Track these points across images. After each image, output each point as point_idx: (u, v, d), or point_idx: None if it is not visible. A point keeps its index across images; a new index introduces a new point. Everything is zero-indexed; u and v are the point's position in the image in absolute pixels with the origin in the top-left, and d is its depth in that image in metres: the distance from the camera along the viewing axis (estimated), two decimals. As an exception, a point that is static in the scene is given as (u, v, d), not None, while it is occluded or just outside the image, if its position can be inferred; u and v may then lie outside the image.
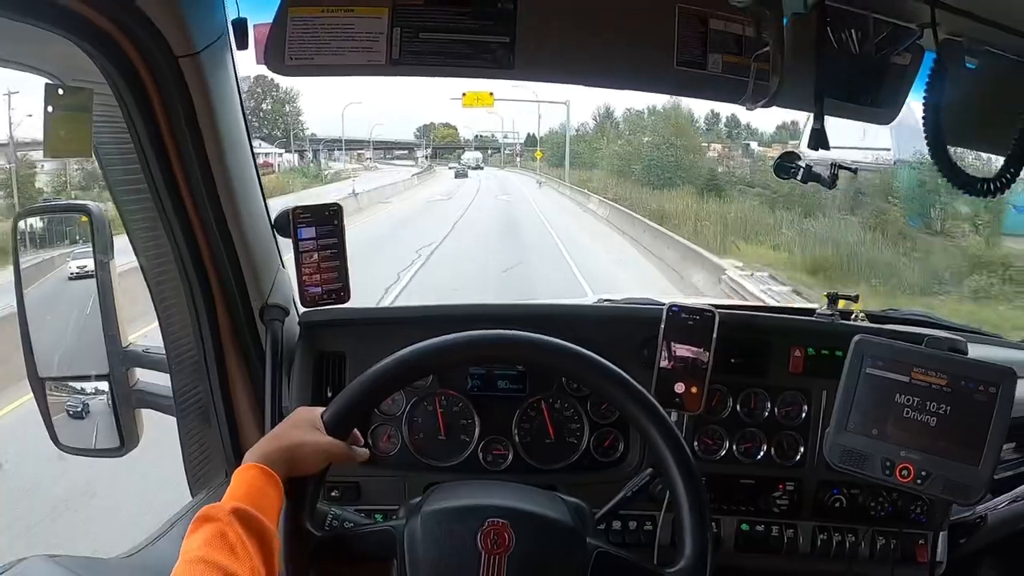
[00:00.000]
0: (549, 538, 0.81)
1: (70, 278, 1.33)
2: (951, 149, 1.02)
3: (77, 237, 1.33)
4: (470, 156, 45.99)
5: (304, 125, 36.56)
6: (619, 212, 17.37)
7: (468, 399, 1.21)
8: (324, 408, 0.85)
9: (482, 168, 44.53)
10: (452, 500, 0.82)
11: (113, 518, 3.32)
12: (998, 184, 1.00)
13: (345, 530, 0.85)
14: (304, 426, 0.83)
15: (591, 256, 12.05)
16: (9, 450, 3.92)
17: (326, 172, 32.32)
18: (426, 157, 47.69)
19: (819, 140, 1.02)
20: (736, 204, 17.13)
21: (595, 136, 32.35)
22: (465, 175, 37.80)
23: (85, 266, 1.23)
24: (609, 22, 0.99)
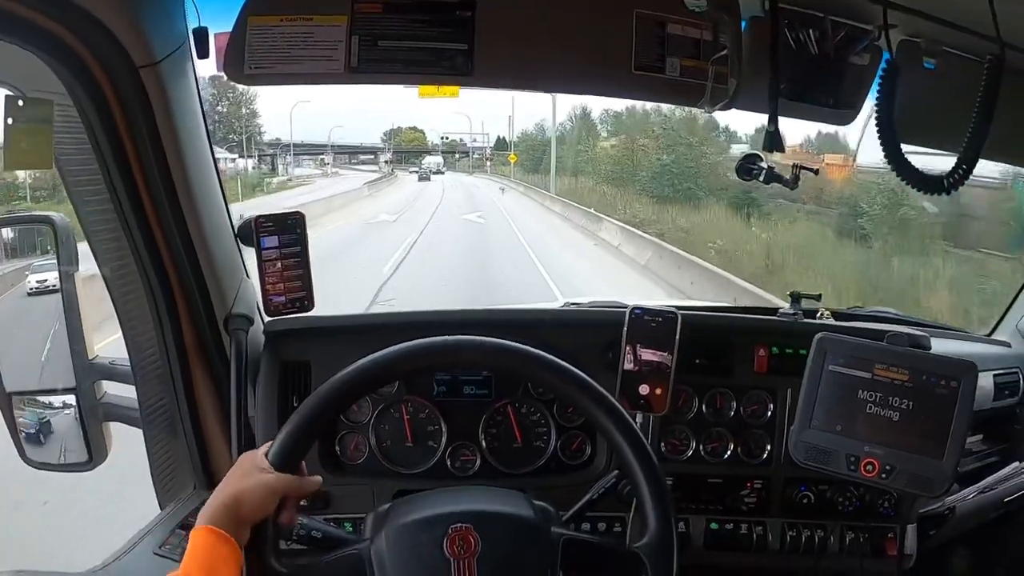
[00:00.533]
0: (515, 534, 0.82)
1: (29, 293, 1.30)
2: (906, 147, 1.05)
3: (48, 247, 1.32)
4: (431, 160, 44.78)
5: (261, 128, 33.47)
6: (664, 251, 10.71)
7: (434, 405, 1.21)
8: (268, 446, 0.84)
9: (443, 172, 43.12)
10: (413, 513, 0.82)
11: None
12: (953, 179, 1.02)
13: (312, 563, 0.83)
14: (249, 471, 0.82)
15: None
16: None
17: (273, 180, 28.62)
18: (387, 162, 45.76)
19: (773, 142, 1.03)
20: (789, 227, 11.86)
21: (580, 136, 27.55)
22: (428, 178, 37.43)
23: (45, 280, 1.22)
24: (567, 28, 1.00)
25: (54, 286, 1.37)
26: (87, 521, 3.18)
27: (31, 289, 1.30)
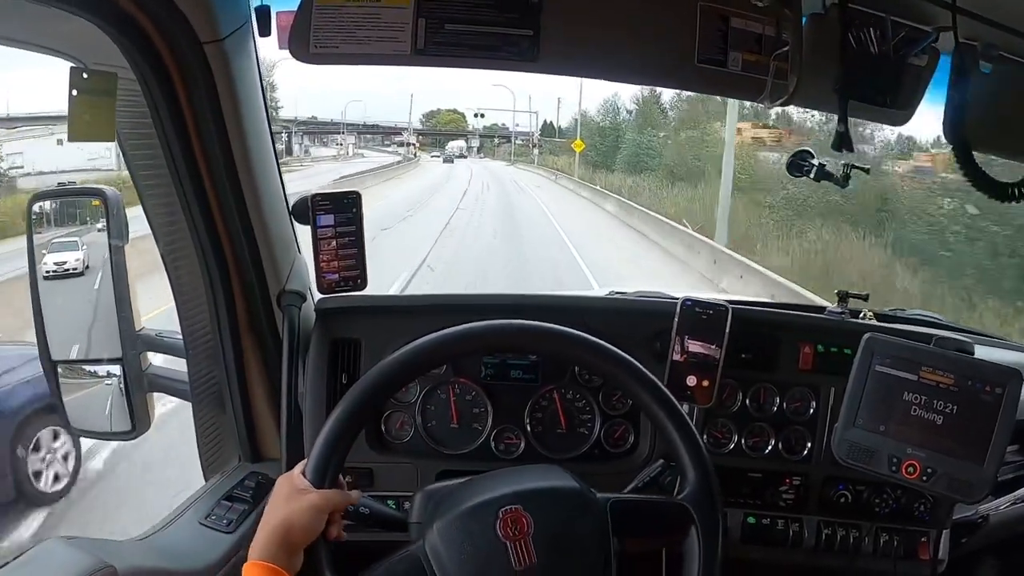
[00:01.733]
0: (564, 507, 0.83)
1: (45, 277, 1.22)
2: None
3: (87, 219, 1.32)
4: (454, 145, 44.60)
5: (279, 103, 30.89)
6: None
7: (481, 388, 1.22)
8: (303, 465, 0.85)
9: (465, 156, 41.96)
10: (460, 504, 0.83)
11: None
12: (1020, 189, 1.02)
13: (370, 572, 0.83)
14: (290, 495, 0.81)
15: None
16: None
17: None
18: (411, 144, 43.51)
19: (843, 141, 1.03)
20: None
21: (659, 122, 21.35)
22: (451, 160, 37.38)
23: (64, 263, 1.18)
24: (632, 18, 1.00)
25: (74, 268, 1.37)
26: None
27: (48, 272, 1.23)
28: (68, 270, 1.31)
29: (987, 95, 1.06)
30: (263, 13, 1.05)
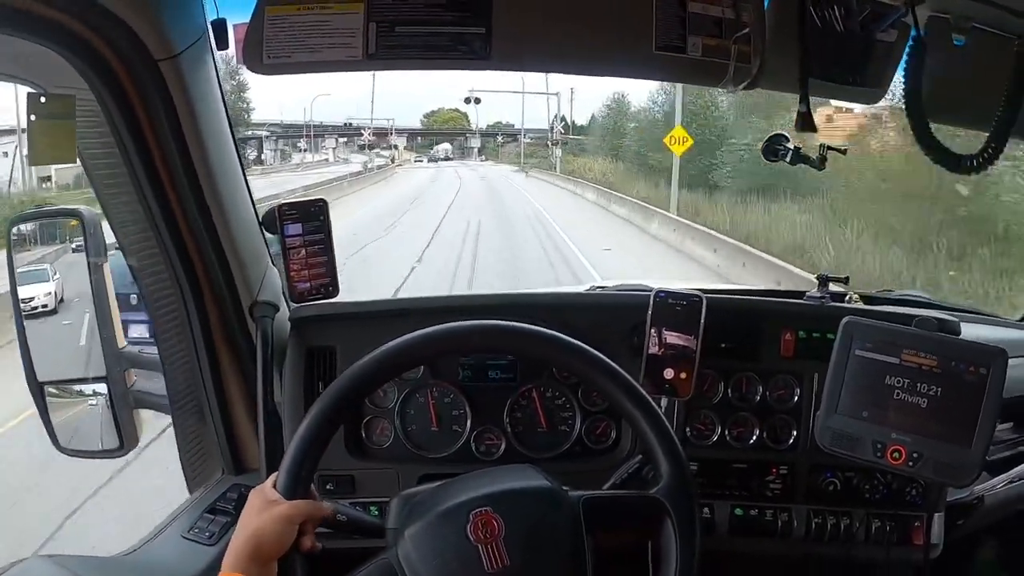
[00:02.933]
0: (535, 507, 0.82)
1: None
2: (934, 126, 1.02)
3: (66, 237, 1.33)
4: (440, 148, 43.09)
5: (250, 105, 29.64)
6: None
7: (459, 389, 1.22)
8: (274, 477, 0.84)
9: (450, 159, 40.09)
10: (431, 509, 0.82)
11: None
12: (981, 160, 0.99)
13: None
14: (261, 507, 0.81)
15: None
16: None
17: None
18: (392, 146, 40.38)
19: (805, 123, 1.01)
20: None
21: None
22: (435, 161, 36.26)
23: (32, 299, 1.16)
24: (586, 9, 0.98)
25: (43, 306, 1.38)
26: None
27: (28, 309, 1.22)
28: (36, 308, 1.29)
29: (955, 66, 1.04)
30: (220, 26, 1.04)
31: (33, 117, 1.00)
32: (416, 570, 0.78)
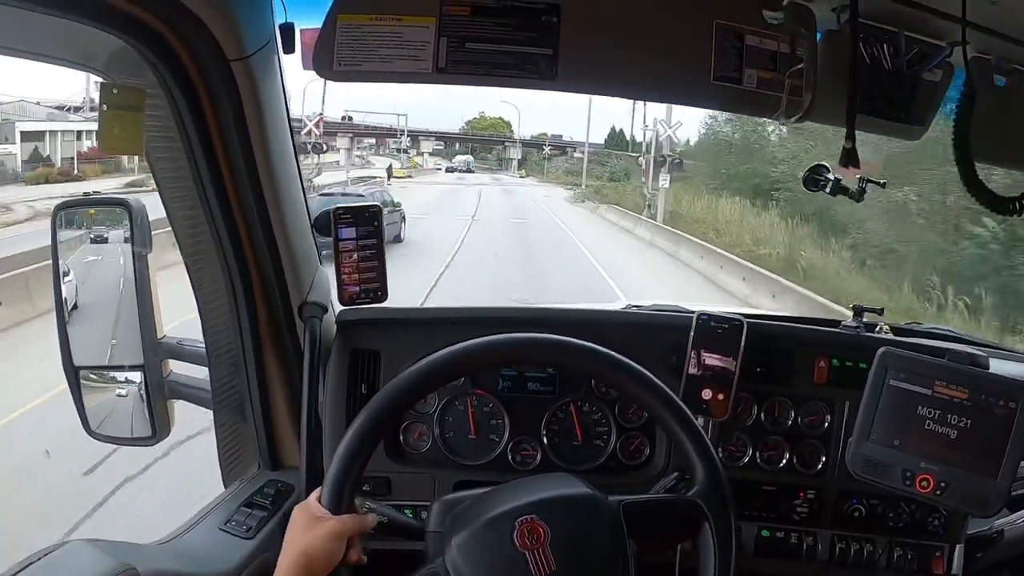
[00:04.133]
0: (578, 513, 0.84)
1: None
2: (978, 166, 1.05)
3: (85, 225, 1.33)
4: (460, 159, 40.08)
5: None
6: None
7: (499, 400, 1.24)
8: (318, 493, 0.85)
9: (471, 171, 37.22)
10: (477, 517, 0.84)
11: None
12: (1022, 203, 1.03)
13: None
14: (308, 524, 0.82)
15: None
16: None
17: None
18: (403, 149, 35.81)
19: (850, 158, 1.04)
20: None
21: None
22: (453, 171, 33.38)
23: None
24: (648, 36, 1.01)
25: None
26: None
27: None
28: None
29: (1000, 108, 1.07)
30: (287, 30, 1.07)
31: (105, 107, 1.03)
32: None
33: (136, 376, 1.28)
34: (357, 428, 0.85)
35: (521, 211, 20.05)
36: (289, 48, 1.08)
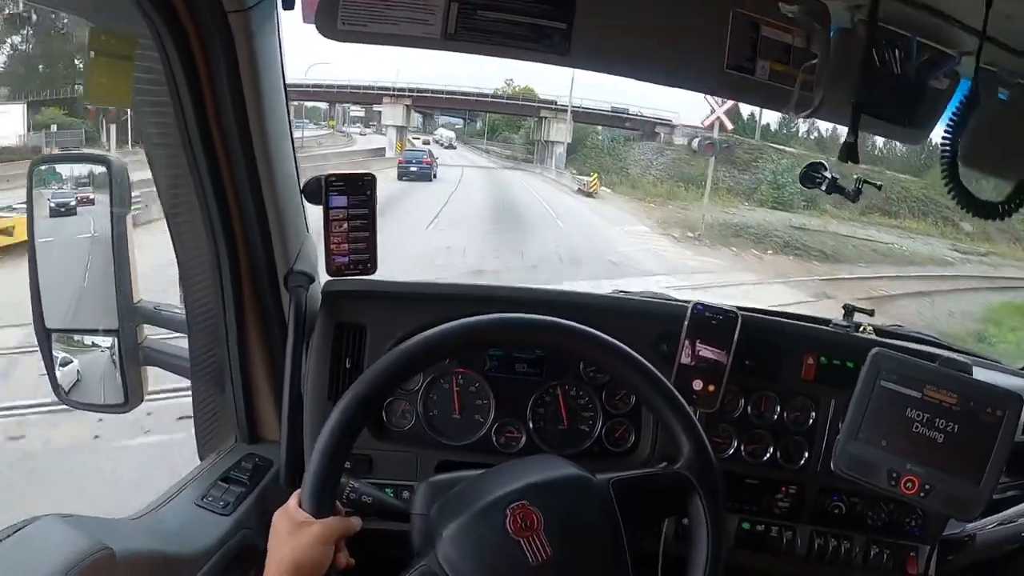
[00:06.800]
0: (568, 494, 0.83)
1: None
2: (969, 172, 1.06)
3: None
4: (443, 133, 34.51)
5: None
6: None
7: (485, 380, 1.22)
8: (297, 497, 0.81)
9: (454, 148, 31.06)
10: (466, 507, 0.81)
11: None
12: (1007, 208, 1.04)
13: None
14: (292, 531, 0.79)
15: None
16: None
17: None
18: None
19: (850, 154, 1.04)
20: None
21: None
22: (433, 144, 25.73)
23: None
24: (665, 19, 0.99)
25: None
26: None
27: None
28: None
29: (998, 119, 1.08)
30: None
31: (93, 53, 0.97)
32: (459, 571, 0.78)
33: (110, 341, 1.24)
34: (334, 426, 0.80)
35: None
36: (289, 3, 1.03)
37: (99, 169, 1.21)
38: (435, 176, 20.27)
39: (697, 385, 1.15)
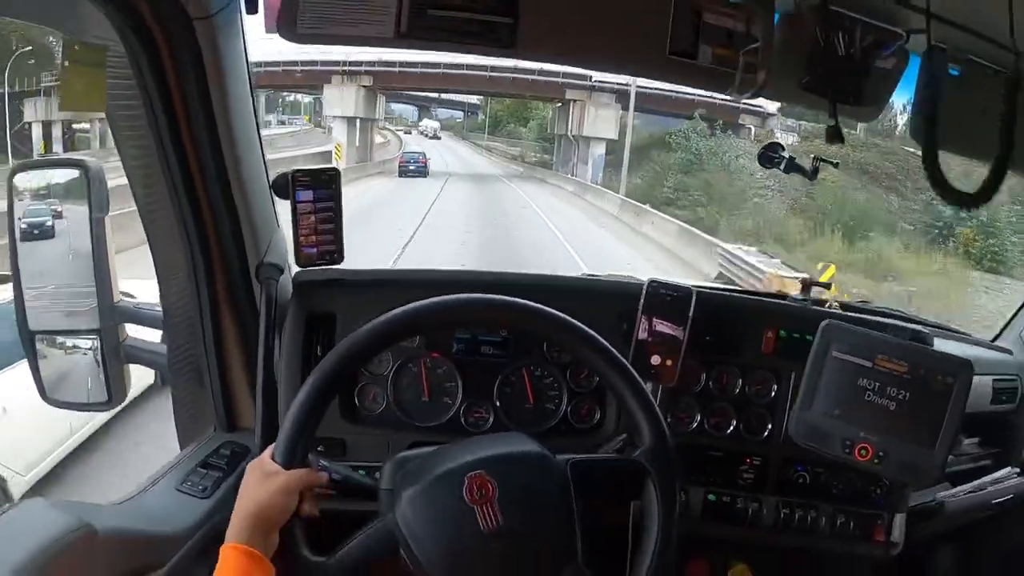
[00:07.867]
0: (526, 470, 0.86)
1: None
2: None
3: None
4: (428, 124, 37.91)
5: None
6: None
7: (452, 362, 1.26)
8: (271, 449, 0.87)
9: (439, 138, 33.89)
10: (427, 473, 0.85)
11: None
12: (982, 196, 1.05)
13: (350, 548, 0.86)
14: (261, 479, 0.84)
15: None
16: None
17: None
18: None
19: (836, 135, 1.06)
20: None
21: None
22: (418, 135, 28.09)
23: None
24: (606, 10, 1.03)
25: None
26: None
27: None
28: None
29: (950, 97, 1.11)
30: None
31: (67, 63, 1.02)
32: (414, 532, 0.82)
33: (92, 341, 1.28)
34: (310, 385, 0.87)
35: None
36: (252, 8, 1.07)
37: (75, 173, 1.27)
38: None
39: (655, 360, 1.18)
